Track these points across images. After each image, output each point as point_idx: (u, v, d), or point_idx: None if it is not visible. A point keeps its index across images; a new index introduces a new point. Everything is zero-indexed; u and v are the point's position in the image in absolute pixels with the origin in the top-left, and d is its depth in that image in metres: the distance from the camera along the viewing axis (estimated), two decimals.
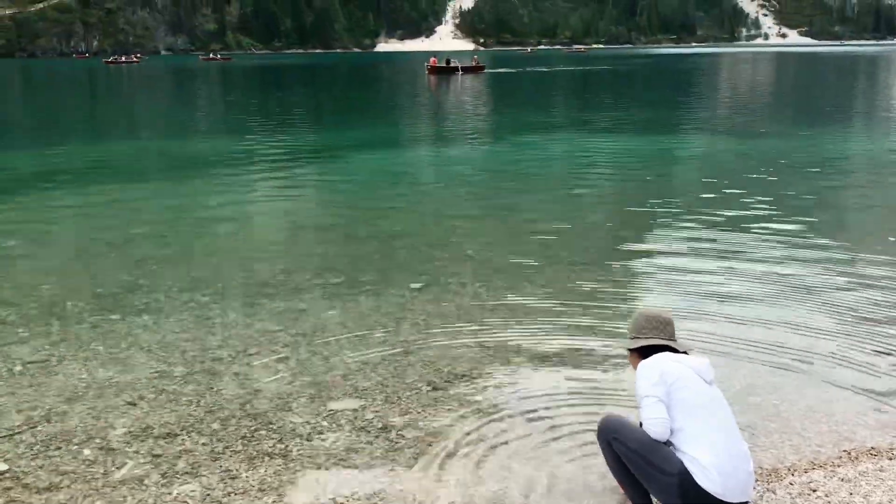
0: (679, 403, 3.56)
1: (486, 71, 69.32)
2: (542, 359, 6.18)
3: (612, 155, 19.10)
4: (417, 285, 8.27)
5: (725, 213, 11.64)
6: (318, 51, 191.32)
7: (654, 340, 3.88)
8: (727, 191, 13.56)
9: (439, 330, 6.87)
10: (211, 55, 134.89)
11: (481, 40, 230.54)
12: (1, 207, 13.45)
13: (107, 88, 58.68)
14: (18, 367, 6.18)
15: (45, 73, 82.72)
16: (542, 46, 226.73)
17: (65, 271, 9.10)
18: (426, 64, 69.62)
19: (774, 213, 11.68)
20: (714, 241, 10.01)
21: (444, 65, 68.24)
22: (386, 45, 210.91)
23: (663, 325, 3.92)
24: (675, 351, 3.86)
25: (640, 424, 3.63)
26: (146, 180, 16.62)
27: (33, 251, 10.17)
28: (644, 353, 3.88)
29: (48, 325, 7.18)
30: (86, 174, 17.18)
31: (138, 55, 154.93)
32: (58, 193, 14.60)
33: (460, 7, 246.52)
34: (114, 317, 7.41)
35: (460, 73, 67.12)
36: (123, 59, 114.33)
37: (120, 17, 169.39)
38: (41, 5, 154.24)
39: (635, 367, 3.85)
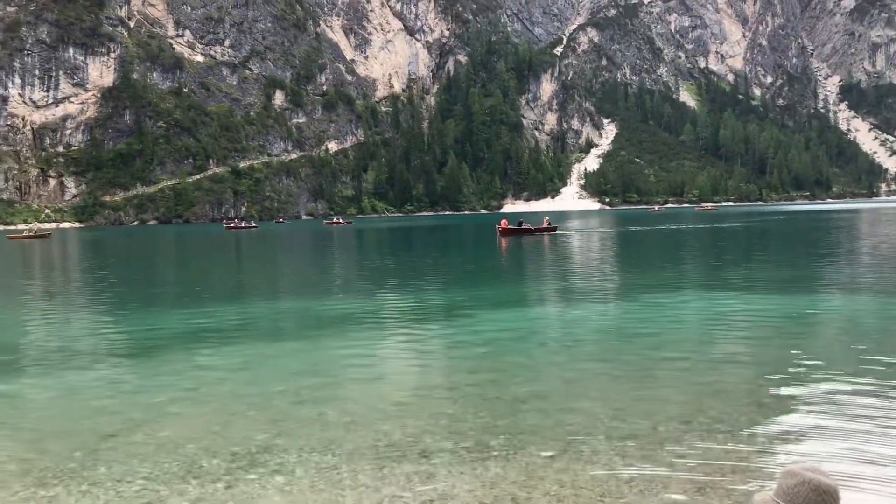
0: None
1: (596, 230, 69.33)
2: None
3: (747, 315, 18.42)
4: (548, 453, 8.03)
5: (872, 379, 10.85)
6: (447, 213, 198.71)
7: None
8: (874, 356, 12.71)
9: (572, 502, 6.58)
10: (334, 219, 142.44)
11: (607, 200, 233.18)
12: (151, 365, 14.28)
13: (237, 251, 62.72)
14: None
15: (192, 237, 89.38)
16: (669, 205, 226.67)
17: (206, 429, 9.43)
18: (497, 226, 69.70)
19: None
20: (861, 406, 9.30)
21: (516, 226, 68.57)
22: (513, 206, 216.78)
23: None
24: None
25: None
26: (281, 339, 17.29)
27: (178, 409, 10.64)
28: None
29: (186, 484, 7.39)
30: (226, 333, 18.09)
31: (280, 219, 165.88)
32: (202, 352, 15.39)
33: (585, 169, 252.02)
34: (250, 476, 7.55)
35: (538, 233, 67.30)
36: (243, 224, 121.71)
37: (267, 186, 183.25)
38: (198, 176, 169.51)
39: None
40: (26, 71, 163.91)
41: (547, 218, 77.15)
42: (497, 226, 69.44)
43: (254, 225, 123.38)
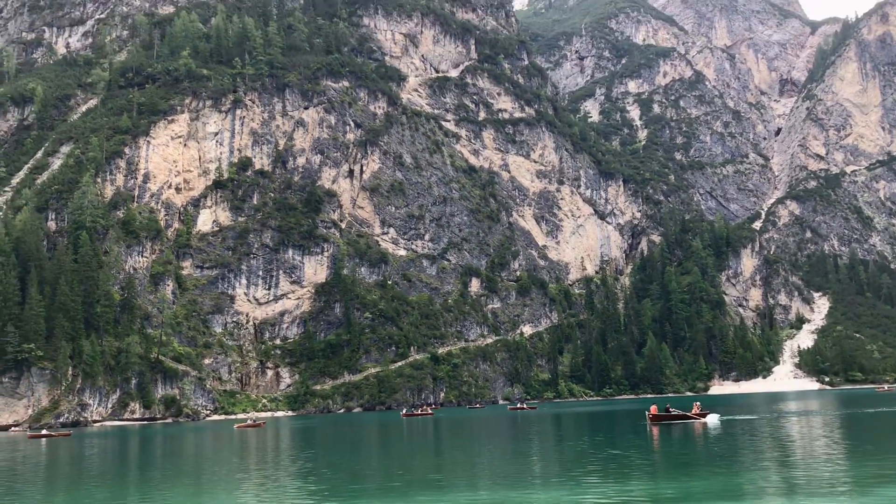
0: None
1: (818, 413, 63.40)
2: None
3: None
4: None
5: None
6: (648, 395, 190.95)
7: None
8: None
9: None
10: (518, 405, 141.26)
11: (826, 379, 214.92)
12: None
13: (424, 437, 62.80)
14: None
15: (387, 424, 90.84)
16: None
17: None
18: (647, 412, 66.61)
19: None
20: None
21: (665, 412, 65.08)
22: (720, 388, 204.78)
23: None
24: None
25: None
26: None
27: None
28: None
29: None
30: None
31: (477, 404, 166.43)
32: None
33: (798, 346, 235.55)
34: None
35: (699, 419, 63.63)
36: (419, 411, 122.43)
37: (464, 371, 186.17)
38: (400, 363, 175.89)
39: None
40: (251, 272, 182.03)
41: (697, 403, 73.80)
42: (647, 412, 66.94)
43: (430, 412, 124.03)
